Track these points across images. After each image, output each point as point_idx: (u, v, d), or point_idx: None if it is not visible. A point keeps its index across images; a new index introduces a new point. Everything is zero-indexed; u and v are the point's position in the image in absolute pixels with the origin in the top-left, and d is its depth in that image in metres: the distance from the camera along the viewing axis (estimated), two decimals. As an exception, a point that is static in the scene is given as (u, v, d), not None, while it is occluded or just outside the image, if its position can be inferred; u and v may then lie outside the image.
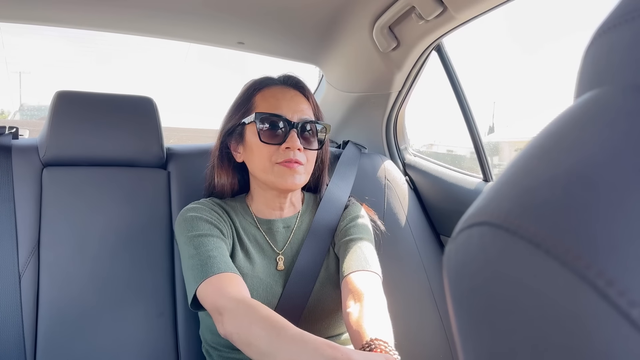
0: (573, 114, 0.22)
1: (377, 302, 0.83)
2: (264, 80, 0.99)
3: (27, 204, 1.07)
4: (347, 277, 0.88)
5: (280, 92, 0.96)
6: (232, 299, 0.76)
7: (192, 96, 57.36)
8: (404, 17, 1.15)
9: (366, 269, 0.89)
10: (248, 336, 0.71)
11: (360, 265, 0.90)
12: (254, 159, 0.93)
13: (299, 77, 1.00)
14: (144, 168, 1.20)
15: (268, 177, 0.92)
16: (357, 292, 0.84)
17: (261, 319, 0.71)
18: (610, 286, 0.16)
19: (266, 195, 0.97)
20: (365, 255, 0.92)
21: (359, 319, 0.79)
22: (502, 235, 0.19)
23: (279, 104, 0.93)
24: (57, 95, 1.13)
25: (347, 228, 0.98)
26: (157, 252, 1.12)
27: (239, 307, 0.74)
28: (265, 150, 0.91)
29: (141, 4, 1.24)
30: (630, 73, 0.22)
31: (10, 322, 0.98)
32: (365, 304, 0.81)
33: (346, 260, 0.91)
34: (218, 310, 0.77)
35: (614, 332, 0.16)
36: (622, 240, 0.16)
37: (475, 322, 0.21)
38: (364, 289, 0.84)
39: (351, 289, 0.86)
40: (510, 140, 8.02)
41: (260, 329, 0.70)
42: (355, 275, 0.88)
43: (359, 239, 0.96)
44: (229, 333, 0.75)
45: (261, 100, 0.95)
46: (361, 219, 1.02)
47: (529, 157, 0.22)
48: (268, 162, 0.91)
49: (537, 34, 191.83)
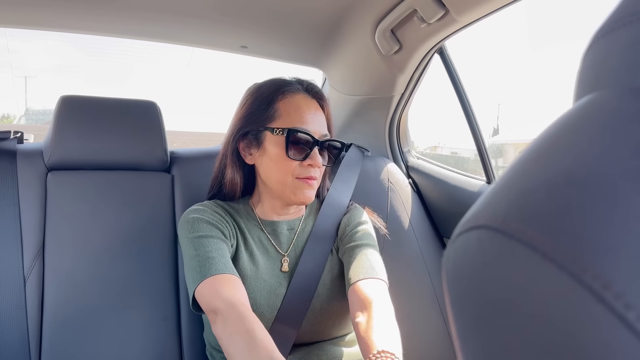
0: (570, 117, 0.23)
1: (385, 311, 0.83)
2: (284, 85, 0.96)
3: (31, 207, 1.08)
4: (353, 285, 0.88)
5: (305, 103, 0.94)
6: (225, 302, 0.76)
7: (196, 100, 57.55)
8: (406, 20, 1.16)
9: (373, 277, 0.89)
10: (228, 343, 0.72)
11: (366, 272, 0.90)
12: (272, 169, 0.93)
13: (319, 87, 1.00)
14: (147, 172, 1.20)
15: (284, 189, 0.92)
16: (365, 301, 0.84)
17: (243, 331, 0.72)
18: (607, 289, 0.16)
19: (274, 201, 0.97)
20: (370, 262, 0.92)
21: (367, 330, 0.79)
22: (500, 239, 0.19)
23: (304, 118, 0.92)
24: (61, 99, 1.14)
25: (352, 234, 0.98)
26: (161, 256, 1.13)
27: (228, 312, 0.75)
28: (288, 164, 0.91)
29: (145, 8, 1.25)
30: (627, 76, 0.22)
31: (15, 325, 0.99)
32: (374, 313, 0.81)
33: (352, 267, 0.92)
34: (213, 311, 0.77)
35: (610, 335, 0.16)
36: (618, 243, 0.16)
37: (472, 325, 0.21)
38: (371, 297, 0.85)
39: (359, 297, 0.86)
40: (515, 142, 7.99)
41: (239, 339, 0.71)
42: (363, 283, 0.88)
43: (364, 245, 0.96)
44: (217, 335, 0.76)
45: (285, 109, 0.93)
46: (365, 225, 1.01)
47: (526, 160, 0.22)
48: (288, 176, 0.91)
49: (542, 34, 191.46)
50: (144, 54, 36.59)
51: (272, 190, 0.95)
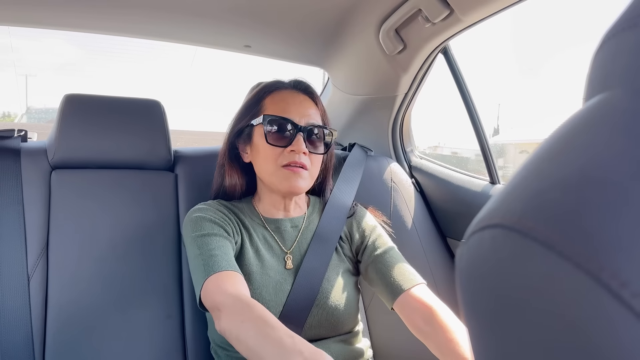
0: (582, 116, 0.23)
1: (450, 315, 0.86)
2: (274, 83, 1.01)
3: (35, 206, 1.08)
4: (405, 294, 0.90)
5: (290, 96, 0.97)
6: (229, 296, 0.77)
7: (199, 100, 57.64)
8: (411, 20, 1.16)
9: (417, 282, 0.92)
10: (239, 332, 0.72)
11: (412, 279, 0.93)
12: (260, 160, 0.95)
13: (309, 83, 1.02)
14: (151, 171, 1.20)
15: (272, 179, 0.94)
16: (426, 310, 0.86)
17: (254, 317, 0.72)
18: (624, 287, 0.16)
19: (272, 196, 0.99)
20: (407, 267, 0.95)
21: (451, 341, 0.81)
22: (515, 238, 0.19)
23: (287, 108, 0.95)
24: (65, 98, 1.14)
25: (374, 241, 1.00)
26: (165, 254, 1.13)
27: (235, 304, 0.75)
28: (270, 152, 0.93)
29: (148, 7, 1.25)
30: (638, 76, 0.22)
31: (20, 324, 0.99)
32: (447, 324, 0.83)
33: (393, 276, 0.93)
34: (217, 307, 0.77)
35: (627, 333, 0.16)
36: (635, 241, 0.17)
37: (487, 323, 0.21)
38: (431, 304, 0.87)
39: (416, 307, 0.88)
40: (516, 142, 8.00)
41: (250, 326, 0.71)
42: (414, 292, 0.90)
43: (391, 249, 0.99)
44: (223, 329, 0.75)
45: (270, 103, 0.97)
46: (378, 227, 1.04)
47: (540, 159, 0.22)
48: (273, 165, 0.93)
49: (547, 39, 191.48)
50: (146, 53, 36.61)
51: (266, 184, 0.97)
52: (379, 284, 0.95)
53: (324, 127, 0.98)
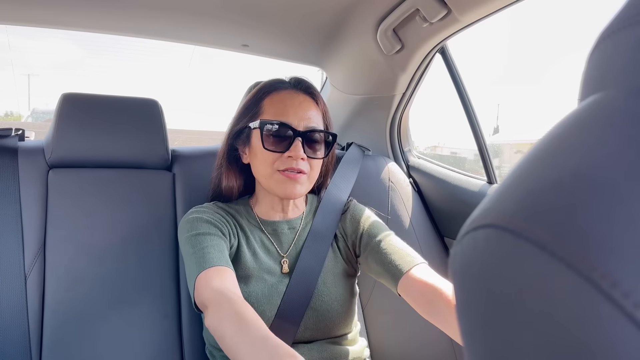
0: (577, 116, 0.23)
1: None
2: (274, 83, 0.97)
3: (33, 205, 1.08)
4: (405, 276, 0.87)
5: (289, 97, 0.94)
6: (214, 292, 0.76)
7: (197, 99, 57.61)
8: (408, 19, 1.16)
9: (416, 263, 0.89)
10: (220, 329, 0.70)
11: (410, 261, 0.89)
12: (257, 163, 0.93)
13: (310, 82, 0.98)
14: (149, 170, 1.20)
15: (269, 183, 0.92)
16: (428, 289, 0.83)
17: (233, 314, 0.70)
18: (615, 288, 0.16)
19: (270, 198, 0.98)
20: (405, 250, 0.92)
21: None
22: (508, 238, 0.19)
23: (286, 110, 0.92)
24: (62, 97, 1.14)
25: (369, 230, 0.98)
26: (162, 254, 1.13)
27: (218, 300, 0.74)
28: (267, 157, 0.91)
29: (147, 6, 1.25)
30: (634, 76, 0.22)
31: (16, 323, 0.99)
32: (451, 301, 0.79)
33: (392, 261, 0.90)
34: (204, 304, 0.76)
35: (618, 333, 0.16)
36: (627, 241, 0.17)
37: (479, 323, 0.21)
38: (432, 282, 0.83)
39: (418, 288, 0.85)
40: (512, 142, 8.02)
41: (229, 323, 0.69)
42: (414, 272, 0.87)
43: (387, 235, 0.96)
44: (208, 326, 0.74)
45: (269, 105, 0.94)
46: (372, 217, 1.02)
47: (533, 159, 0.22)
48: (269, 169, 0.91)
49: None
50: (146, 51, 36.63)
51: (264, 187, 0.96)
52: (380, 272, 0.92)
53: (323, 132, 0.95)
